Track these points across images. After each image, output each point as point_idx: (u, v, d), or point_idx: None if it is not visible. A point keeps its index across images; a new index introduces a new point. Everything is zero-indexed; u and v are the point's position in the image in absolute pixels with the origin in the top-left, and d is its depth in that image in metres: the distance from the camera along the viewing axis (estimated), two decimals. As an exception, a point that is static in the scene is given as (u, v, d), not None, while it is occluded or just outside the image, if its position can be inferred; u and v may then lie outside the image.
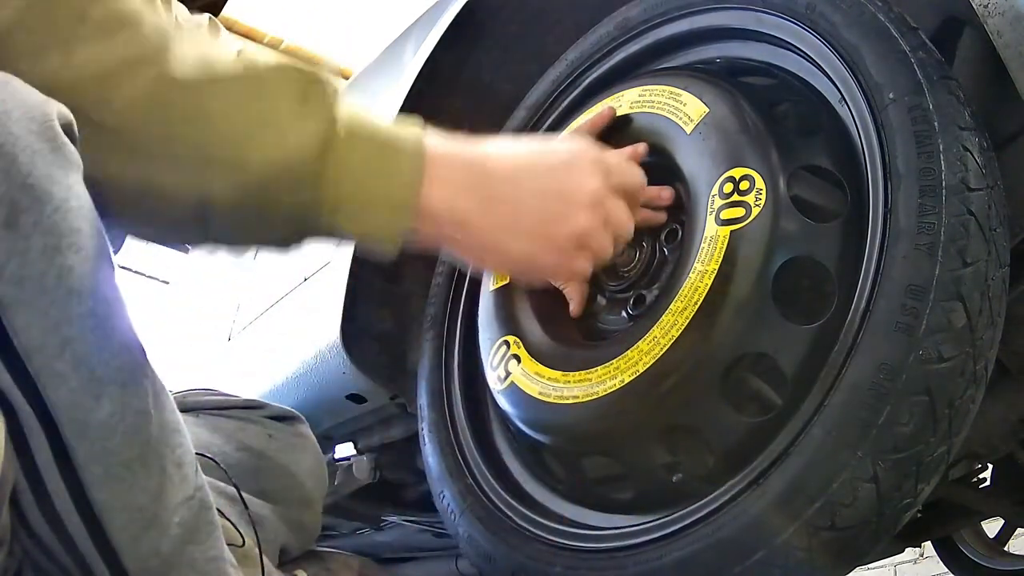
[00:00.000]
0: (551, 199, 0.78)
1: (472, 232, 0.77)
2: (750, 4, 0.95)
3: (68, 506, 0.63)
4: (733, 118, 0.89)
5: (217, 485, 1.03)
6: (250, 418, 1.18)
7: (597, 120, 1.02)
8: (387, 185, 0.73)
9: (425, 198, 0.74)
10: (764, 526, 0.73)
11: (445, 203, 0.75)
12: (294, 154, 0.70)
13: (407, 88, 1.36)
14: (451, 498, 1.04)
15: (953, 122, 0.76)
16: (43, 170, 0.60)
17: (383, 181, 0.73)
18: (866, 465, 0.69)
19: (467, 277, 1.20)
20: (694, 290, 0.83)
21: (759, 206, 0.83)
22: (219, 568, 0.72)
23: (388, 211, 0.73)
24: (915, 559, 2.98)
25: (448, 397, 1.13)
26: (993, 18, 0.80)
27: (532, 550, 0.93)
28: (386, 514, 1.83)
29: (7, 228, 0.59)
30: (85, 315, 0.62)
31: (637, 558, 0.82)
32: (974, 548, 2.16)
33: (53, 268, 0.60)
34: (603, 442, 0.90)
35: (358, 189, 0.72)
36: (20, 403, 0.61)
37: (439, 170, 0.75)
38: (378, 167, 0.73)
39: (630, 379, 0.86)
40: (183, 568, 0.69)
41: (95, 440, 0.62)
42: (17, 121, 0.60)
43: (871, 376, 0.71)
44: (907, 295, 0.71)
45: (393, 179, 0.73)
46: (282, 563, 1.13)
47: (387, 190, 0.73)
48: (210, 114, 0.69)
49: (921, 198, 0.73)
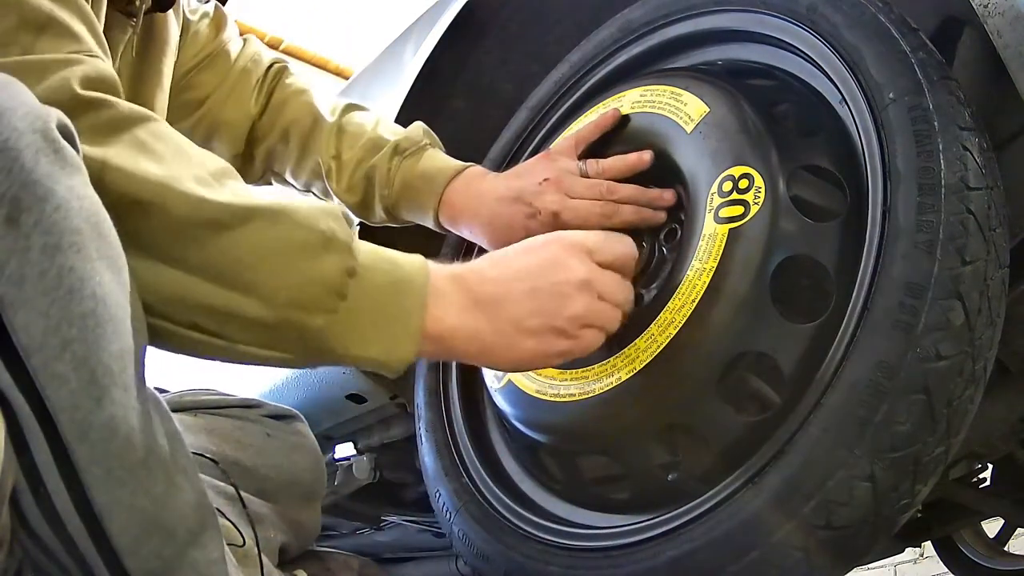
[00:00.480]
0: (545, 296, 0.81)
1: (479, 345, 0.80)
2: (751, 6, 0.95)
3: (68, 507, 0.63)
4: (733, 117, 0.89)
5: (216, 485, 1.03)
6: (248, 417, 1.18)
7: (602, 121, 1.04)
8: (397, 314, 0.76)
9: (430, 323, 0.77)
10: (760, 525, 0.73)
11: (448, 324, 0.79)
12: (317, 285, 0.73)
13: (407, 88, 1.36)
14: (447, 497, 1.04)
15: (953, 122, 0.76)
16: (46, 169, 0.60)
17: (394, 311, 0.76)
18: (863, 464, 0.69)
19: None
20: (692, 288, 0.83)
21: (758, 204, 0.83)
22: (220, 571, 0.72)
23: (398, 338, 0.76)
24: (915, 559, 2.98)
25: (445, 397, 1.13)
26: (993, 18, 0.80)
27: (527, 549, 0.93)
28: (386, 514, 1.83)
29: (8, 226, 0.59)
30: (86, 316, 0.61)
31: (632, 557, 0.82)
32: (974, 548, 2.16)
33: (54, 267, 0.60)
34: (599, 440, 0.90)
35: (373, 318, 0.75)
36: (20, 403, 0.60)
37: (440, 296, 0.79)
38: (390, 298, 0.76)
39: (627, 377, 0.86)
40: (184, 570, 0.68)
41: (96, 442, 0.62)
42: (22, 118, 0.60)
43: (869, 374, 0.71)
44: (905, 293, 0.71)
45: (403, 308, 0.76)
46: (282, 563, 1.13)
47: (398, 318, 0.76)
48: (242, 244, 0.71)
49: (920, 196, 0.73)
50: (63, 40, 0.74)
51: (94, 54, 0.75)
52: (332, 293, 0.73)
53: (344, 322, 0.74)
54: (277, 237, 0.72)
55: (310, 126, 1.20)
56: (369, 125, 1.17)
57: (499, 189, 1.05)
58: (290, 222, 0.73)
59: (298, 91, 1.24)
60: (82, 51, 0.74)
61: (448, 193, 1.09)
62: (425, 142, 1.13)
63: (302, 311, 0.72)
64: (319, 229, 0.74)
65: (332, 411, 1.56)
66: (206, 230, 0.70)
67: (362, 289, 0.74)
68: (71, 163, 0.63)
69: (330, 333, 0.74)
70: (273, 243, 0.72)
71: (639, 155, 0.98)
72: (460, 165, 1.10)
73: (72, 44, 0.74)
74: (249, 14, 6.33)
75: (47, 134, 0.61)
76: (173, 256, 0.70)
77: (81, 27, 0.76)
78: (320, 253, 0.73)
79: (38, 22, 0.73)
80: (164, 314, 0.71)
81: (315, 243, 0.73)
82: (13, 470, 0.61)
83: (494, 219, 1.04)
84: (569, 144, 1.05)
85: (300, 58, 2.66)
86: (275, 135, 1.23)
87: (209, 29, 1.21)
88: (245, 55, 1.25)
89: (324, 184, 1.18)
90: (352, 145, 1.16)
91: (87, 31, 0.77)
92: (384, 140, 1.14)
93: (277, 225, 0.72)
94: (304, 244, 0.73)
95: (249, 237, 0.71)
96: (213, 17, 1.22)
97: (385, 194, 1.13)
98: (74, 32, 0.75)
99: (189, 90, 1.20)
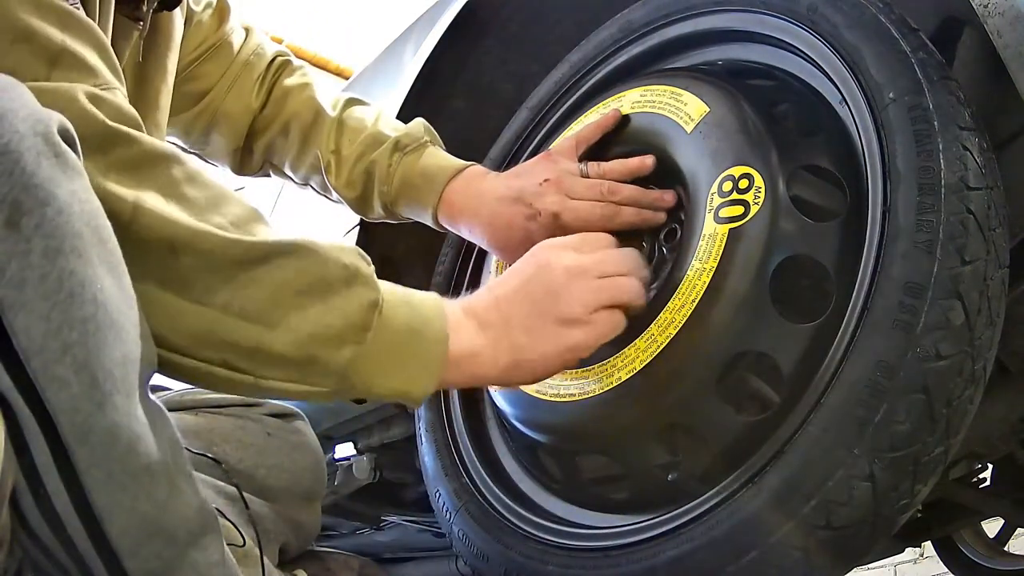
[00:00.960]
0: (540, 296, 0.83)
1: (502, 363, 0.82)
2: (752, 6, 0.95)
3: (68, 508, 0.63)
4: (733, 117, 0.89)
5: (216, 484, 1.03)
6: (249, 416, 1.17)
7: (604, 122, 1.04)
8: (421, 344, 0.78)
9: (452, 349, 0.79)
10: (759, 525, 0.72)
11: (467, 349, 0.80)
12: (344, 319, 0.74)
13: (407, 88, 1.36)
14: (446, 497, 1.04)
15: (953, 121, 0.75)
16: (47, 172, 0.60)
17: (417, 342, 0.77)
18: (862, 463, 0.69)
19: (466, 277, 1.20)
20: (691, 287, 0.83)
21: (758, 204, 0.83)
22: (220, 573, 0.71)
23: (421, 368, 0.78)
24: (915, 559, 2.97)
25: (445, 397, 1.13)
26: (993, 18, 0.80)
27: (526, 549, 0.93)
28: (386, 514, 1.83)
29: (8, 228, 0.58)
30: (87, 320, 0.61)
31: (631, 556, 0.82)
32: (974, 548, 2.16)
33: (55, 271, 0.60)
34: (599, 440, 0.90)
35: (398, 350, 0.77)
36: (19, 405, 0.60)
37: (456, 325, 0.81)
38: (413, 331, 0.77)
39: (627, 377, 0.86)
40: (184, 570, 0.68)
41: (96, 446, 0.62)
42: (23, 120, 0.60)
43: (868, 373, 0.70)
44: (905, 292, 0.71)
45: (425, 339, 0.78)
46: (282, 562, 1.13)
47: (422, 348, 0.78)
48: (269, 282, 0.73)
49: (920, 196, 0.73)
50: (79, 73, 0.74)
51: (111, 86, 0.75)
52: (358, 327, 0.74)
53: (370, 355, 0.75)
54: (304, 272, 0.73)
55: (311, 120, 1.20)
56: (370, 120, 1.17)
57: (499, 189, 1.04)
58: (316, 259, 0.74)
59: (300, 85, 1.24)
60: (99, 84, 0.74)
61: (448, 192, 1.08)
62: (426, 139, 1.13)
63: (329, 346, 0.73)
64: (343, 263, 0.75)
65: (332, 411, 1.56)
66: (235, 269, 0.71)
67: (386, 322, 0.76)
68: (72, 167, 0.62)
69: (356, 367, 0.75)
70: (300, 279, 0.73)
71: (641, 160, 0.98)
72: (461, 164, 1.10)
73: (89, 78, 0.74)
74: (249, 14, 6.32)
75: (48, 137, 0.61)
76: (202, 294, 0.71)
77: (95, 58, 0.76)
78: (344, 288, 0.75)
79: (50, 53, 0.72)
80: (191, 352, 0.72)
81: (341, 278, 0.75)
82: (13, 470, 0.61)
83: (494, 219, 1.04)
84: (570, 145, 1.05)
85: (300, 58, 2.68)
86: (275, 128, 1.23)
87: (212, 20, 1.20)
88: (248, 47, 1.25)
89: (323, 178, 1.18)
90: (352, 140, 1.16)
91: (102, 61, 0.77)
92: (385, 136, 1.14)
93: (303, 261, 0.74)
94: (331, 280, 0.74)
95: (276, 274, 0.72)
96: (216, 7, 1.21)
97: (384, 190, 1.13)
98: (90, 65, 0.75)
99: (191, 81, 1.19)
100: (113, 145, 0.70)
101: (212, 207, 0.73)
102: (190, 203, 0.72)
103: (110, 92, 0.74)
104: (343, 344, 0.74)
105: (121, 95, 0.76)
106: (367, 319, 0.75)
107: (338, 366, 0.74)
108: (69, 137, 0.64)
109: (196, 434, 1.08)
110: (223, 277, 0.71)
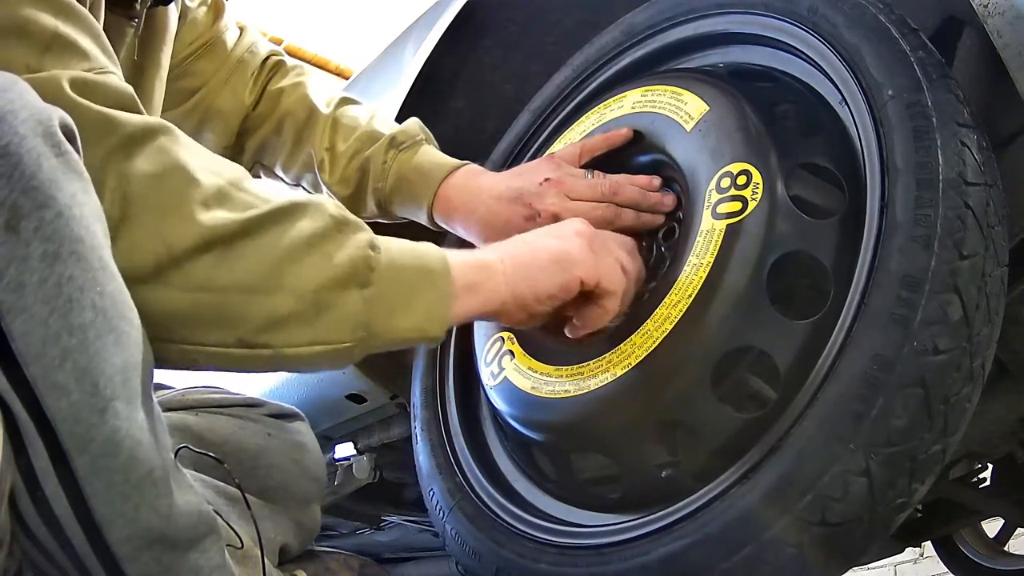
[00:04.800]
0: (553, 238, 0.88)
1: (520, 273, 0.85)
2: (752, 9, 0.95)
3: (67, 512, 0.62)
4: (733, 116, 0.89)
5: (217, 485, 1.03)
6: (249, 416, 1.17)
7: (613, 138, 1.03)
8: (427, 275, 0.79)
9: (460, 275, 0.81)
10: (753, 520, 0.72)
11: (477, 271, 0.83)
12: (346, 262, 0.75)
13: (407, 88, 1.36)
14: (440, 495, 1.04)
15: (951, 118, 0.75)
16: (48, 174, 0.60)
17: (423, 274, 0.79)
18: (858, 458, 0.68)
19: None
20: (688, 283, 0.83)
21: (756, 200, 0.83)
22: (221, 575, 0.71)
23: (437, 299, 0.79)
24: (915, 559, 2.98)
25: (442, 396, 1.13)
26: (993, 18, 0.80)
27: (518, 547, 0.92)
28: (386, 514, 1.83)
29: (8, 232, 0.58)
30: (86, 326, 0.61)
31: (623, 554, 0.81)
32: (974, 548, 2.16)
33: (54, 275, 0.59)
34: (594, 437, 0.90)
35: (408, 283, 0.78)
36: (18, 409, 0.60)
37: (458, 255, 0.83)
38: (416, 264, 0.79)
39: (622, 373, 0.86)
40: (185, 573, 0.68)
41: (98, 456, 0.61)
42: (24, 122, 0.60)
43: (865, 367, 0.70)
44: (902, 286, 0.70)
45: (431, 270, 0.80)
46: (282, 563, 1.13)
47: (429, 279, 0.79)
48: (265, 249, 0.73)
49: (918, 191, 0.73)
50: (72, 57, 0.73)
51: (106, 70, 0.75)
52: (362, 266, 0.75)
53: (381, 296, 0.75)
54: (296, 231, 0.74)
55: (305, 118, 1.20)
56: (364, 118, 1.17)
57: (498, 187, 1.04)
58: (302, 214, 0.75)
59: (294, 84, 1.24)
60: (93, 68, 0.74)
61: (444, 188, 1.08)
62: (421, 137, 1.13)
63: (336, 290, 0.73)
64: (330, 214, 0.76)
65: (332, 411, 1.56)
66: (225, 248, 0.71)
67: (389, 259, 0.77)
68: (74, 168, 0.62)
69: (371, 310, 0.75)
70: (294, 238, 0.73)
71: (650, 179, 0.98)
72: (457, 162, 1.10)
73: (83, 62, 0.73)
74: (249, 14, 6.32)
75: (50, 137, 0.61)
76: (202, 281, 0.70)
77: (89, 42, 0.75)
78: (337, 235, 0.75)
79: (44, 40, 0.72)
80: (202, 339, 0.71)
81: (331, 226, 0.75)
82: (11, 471, 0.61)
83: (491, 218, 1.04)
84: (574, 152, 1.04)
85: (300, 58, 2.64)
86: (268, 126, 1.22)
87: (206, 16, 1.20)
88: (242, 45, 1.25)
89: (315, 176, 1.18)
90: (347, 137, 1.16)
91: (95, 45, 0.76)
92: (379, 133, 1.14)
93: (292, 220, 0.74)
94: (322, 231, 0.75)
95: (269, 241, 0.72)
96: (211, 4, 1.21)
97: (379, 187, 1.12)
98: (83, 50, 0.74)
99: (184, 77, 1.19)
100: (105, 133, 0.70)
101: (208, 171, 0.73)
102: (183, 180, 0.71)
103: (103, 75, 0.73)
104: (349, 286, 0.74)
105: (116, 77, 0.75)
106: (368, 258, 0.75)
107: (352, 313, 0.74)
108: (70, 132, 0.63)
109: (196, 434, 1.08)
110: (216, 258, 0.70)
